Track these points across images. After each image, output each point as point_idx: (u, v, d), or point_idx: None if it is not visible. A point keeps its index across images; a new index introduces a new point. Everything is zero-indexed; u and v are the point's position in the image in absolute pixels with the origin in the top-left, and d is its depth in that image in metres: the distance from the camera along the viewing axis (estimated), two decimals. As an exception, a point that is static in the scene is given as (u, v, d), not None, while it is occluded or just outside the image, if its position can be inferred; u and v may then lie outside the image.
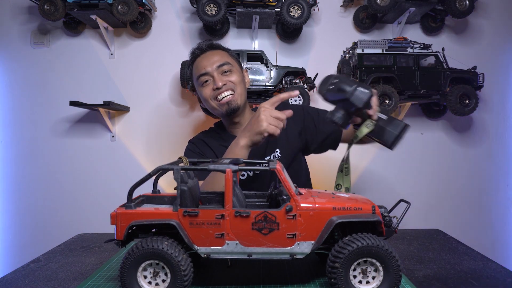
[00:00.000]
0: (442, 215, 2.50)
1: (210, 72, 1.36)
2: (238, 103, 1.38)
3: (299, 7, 2.18)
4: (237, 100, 1.37)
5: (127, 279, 0.70)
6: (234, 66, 1.42)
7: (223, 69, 1.37)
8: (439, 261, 1.00)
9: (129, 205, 0.73)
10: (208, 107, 1.43)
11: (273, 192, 0.88)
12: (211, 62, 1.37)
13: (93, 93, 2.40)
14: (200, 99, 1.49)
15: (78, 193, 2.42)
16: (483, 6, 2.55)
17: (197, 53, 1.42)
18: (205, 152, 1.45)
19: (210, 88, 1.37)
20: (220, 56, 1.40)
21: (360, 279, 0.70)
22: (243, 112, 1.44)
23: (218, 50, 1.44)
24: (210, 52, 1.42)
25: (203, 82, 1.38)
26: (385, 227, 0.74)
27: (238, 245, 0.71)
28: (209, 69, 1.36)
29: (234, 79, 1.38)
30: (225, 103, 1.36)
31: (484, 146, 2.57)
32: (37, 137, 2.42)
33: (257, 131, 1.11)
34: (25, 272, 0.92)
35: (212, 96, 1.37)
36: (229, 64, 1.39)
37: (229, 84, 1.36)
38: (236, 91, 1.37)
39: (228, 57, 1.43)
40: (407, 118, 2.51)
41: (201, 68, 1.38)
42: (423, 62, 2.26)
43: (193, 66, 1.44)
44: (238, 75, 1.40)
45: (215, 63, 1.37)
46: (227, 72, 1.38)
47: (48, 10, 2.11)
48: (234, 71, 1.40)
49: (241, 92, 1.40)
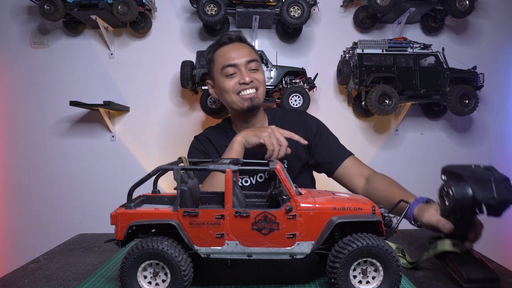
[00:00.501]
0: (442, 215, 2.49)
1: (238, 64, 1.31)
2: (259, 102, 1.36)
3: (299, 7, 2.18)
4: (259, 98, 1.35)
5: (127, 279, 0.70)
6: (260, 64, 1.40)
7: (251, 66, 1.33)
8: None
9: (129, 205, 0.73)
10: (226, 99, 1.37)
11: (273, 192, 0.88)
12: (241, 55, 1.32)
13: (93, 93, 2.40)
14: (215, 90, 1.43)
15: (78, 193, 2.42)
16: (483, 6, 2.55)
17: (225, 41, 1.36)
18: (208, 150, 1.43)
19: (235, 81, 1.32)
20: (249, 51, 1.36)
21: (360, 279, 0.70)
22: (258, 113, 1.42)
23: (246, 45, 1.39)
24: (238, 44, 1.37)
25: (228, 74, 1.32)
26: (385, 227, 0.74)
27: (238, 245, 0.71)
28: (238, 61, 1.31)
29: (260, 78, 1.35)
30: (248, 99, 1.32)
31: (484, 146, 2.57)
32: (37, 137, 2.42)
33: (257, 134, 1.15)
34: (25, 272, 0.92)
35: (235, 90, 1.32)
36: (257, 62, 1.36)
37: (255, 82, 1.33)
38: (259, 90, 1.35)
39: (256, 54, 1.40)
40: (407, 118, 2.52)
41: (228, 58, 1.32)
42: (423, 62, 2.26)
43: (217, 54, 1.37)
44: (263, 75, 1.38)
45: (245, 57, 1.32)
46: (254, 69, 1.34)
47: (48, 10, 2.11)
48: (260, 70, 1.38)
49: (263, 92, 1.38)
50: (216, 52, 1.37)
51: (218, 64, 1.35)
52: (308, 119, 1.48)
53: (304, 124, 1.45)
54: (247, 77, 1.30)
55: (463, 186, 0.76)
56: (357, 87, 2.20)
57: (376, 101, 2.13)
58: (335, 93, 2.50)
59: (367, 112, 2.38)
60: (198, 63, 2.16)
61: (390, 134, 2.53)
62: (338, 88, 2.50)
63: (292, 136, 1.18)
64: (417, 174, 2.51)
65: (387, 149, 2.51)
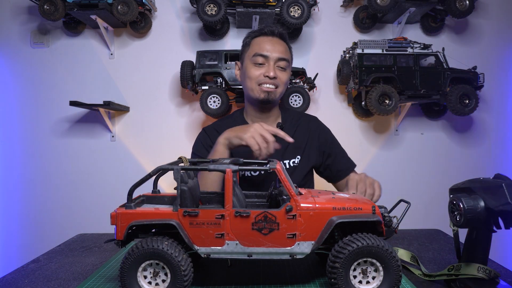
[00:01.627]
0: (442, 215, 2.49)
1: (269, 58, 1.36)
2: (275, 99, 1.41)
3: (299, 7, 2.18)
4: (276, 95, 1.40)
5: (127, 279, 0.70)
6: (289, 66, 1.44)
7: (281, 64, 1.38)
8: (439, 261, 1.00)
9: (129, 205, 0.73)
10: (246, 85, 1.42)
11: (273, 192, 0.88)
12: (275, 49, 1.37)
13: (93, 93, 2.40)
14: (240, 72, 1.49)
15: (78, 193, 2.42)
16: (483, 6, 2.54)
17: (266, 32, 1.41)
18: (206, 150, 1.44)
19: (261, 72, 1.37)
20: (284, 50, 1.40)
21: (360, 279, 0.70)
22: (272, 108, 1.47)
23: (284, 43, 1.43)
24: (277, 39, 1.41)
25: (258, 63, 1.37)
26: (385, 227, 0.74)
27: (238, 245, 0.71)
28: (270, 55, 1.36)
29: (284, 78, 1.40)
30: (265, 91, 1.37)
31: (484, 146, 2.57)
32: (37, 137, 2.42)
33: (239, 135, 1.15)
34: (25, 272, 0.92)
35: (258, 80, 1.37)
36: (287, 62, 1.40)
37: (278, 80, 1.38)
38: (278, 88, 1.39)
39: (289, 55, 1.44)
40: (407, 118, 2.52)
41: (263, 49, 1.37)
42: (423, 62, 2.25)
43: (254, 41, 1.42)
44: (288, 77, 1.43)
45: (278, 53, 1.37)
46: (282, 68, 1.39)
47: (48, 10, 2.11)
48: (287, 72, 1.43)
49: (281, 92, 1.42)
50: (255, 39, 1.42)
51: (251, 50, 1.40)
52: (322, 127, 1.56)
53: (318, 130, 1.52)
54: (272, 72, 1.34)
55: (474, 197, 0.72)
56: (357, 87, 2.20)
57: (376, 101, 2.13)
58: (335, 93, 2.50)
59: (367, 112, 2.38)
60: (198, 63, 2.16)
61: (390, 134, 2.53)
62: (338, 88, 2.50)
63: (277, 132, 1.17)
64: (417, 174, 2.51)
65: (387, 149, 2.51)
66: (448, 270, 0.81)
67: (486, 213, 0.72)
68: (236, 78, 1.54)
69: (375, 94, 2.12)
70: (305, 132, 1.50)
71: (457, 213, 0.75)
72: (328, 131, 1.57)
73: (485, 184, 0.74)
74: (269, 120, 1.48)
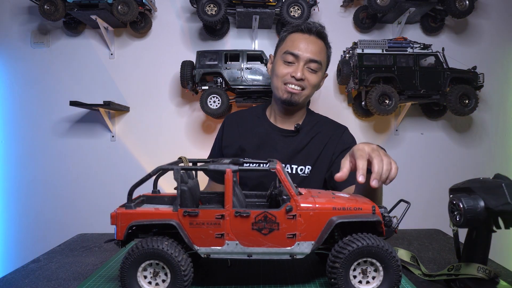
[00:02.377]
0: (442, 215, 2.48)
1: (300, 57, 1.30)
2: (299, 101, 1.34)
3: (299, 7, 2.18)
4: (301, 98, 1.34)
5: (127, 279, 0.70)
6: (322, 68, 1.36)
7: (311, 65, 1.32)
8: (439, 261, 1.00)
9: (129, 205, 0.73)
10: (273, 81, 1.38)
11: (273, 192, 0.88)
12: (308, 50, 1.31)
13: (93, 93, 2.40)
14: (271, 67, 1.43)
15: (78, 193, 2.42)
16: (483, 6, 2.55)
17: (303, 29, 1.34)
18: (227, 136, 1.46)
19: (288, 71, 1.31)
20: (319, 50, 1.34)
21: (360, 279, 0.70)
22: (298, 110, 1.42)
23: (322, 42, 1.37)
24: (314, 38, 1.34)
25: (287, 61, 1.32)
26: (385, 227, 0.74)
27: (238, 245, 0.71)
28: (301, 54, 1.30)
29: (312, 81, 1.33)
30: (289, 92, 1.32)
31: (484, 146, 2.57)
32: (37, 137, 2.42)
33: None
34: (25, 272, 0.92)
35: (284, 79, 1.32)
36: (319, 64, 1.33)
37: (305, 82, 1.32)
38: (304, 91, 1.33)
39: (324, 56, 1.37)
40: (407, 118, 2.52)
41: (295, 47, 1.31)
42: (423, 62, 2.26)
43: (290, 36, 1.36)
44: (317, 79, 1.36)
45: (311, 53, 1.30)
46: (312, 70, 1.33)
47: (48, 10, 2.11)
48: (318, 73, 1.35)
49: (308, 94, 1.36)
50: (291, 34, 1.36)
51: (285, 45, 1.35)
52: (346, 136, 1.44)
53: (339, 138, 1.41)
54: (299, 73, 1.28)
55: (473, 197, 0.72)
56: (357, 87, 2.20)
57: (376, 101, 2.13)
58: (335, 93, 2.50)
59: (367, 112, 2.38)
60: (198, 63, 2.16)
61: (390, 134, 2.53)
62: (338, 88, 2.50)
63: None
64: (417, 174, 2.51)
65: (387, 149, 2.48)
66: (448, 270, 0.81)
67: (486, 213, 0.72)
68: (267, 71, 1.49)
69: (375, 94, 2.12)
70: (323, 141, 1.39)
71: (457, 213, 0.75)
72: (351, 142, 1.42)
73: (485, 184, 0.74)
74: (291, 121, 1.42)
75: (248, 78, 2.15)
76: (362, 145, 0.88)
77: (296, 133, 1.40)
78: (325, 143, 1.38)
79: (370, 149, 0.86)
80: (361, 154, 0.84)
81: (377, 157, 0.83)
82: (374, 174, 0.81)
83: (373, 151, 0.85)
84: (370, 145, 0.88)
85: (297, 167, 1.35)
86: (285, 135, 1.40)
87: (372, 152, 0.85)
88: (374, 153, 0.84)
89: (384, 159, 0.84)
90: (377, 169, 0.81)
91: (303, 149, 1.36)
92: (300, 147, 1.36)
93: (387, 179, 0.84)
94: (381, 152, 0.86)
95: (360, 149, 0.86)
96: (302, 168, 1.35)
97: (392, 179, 0.85)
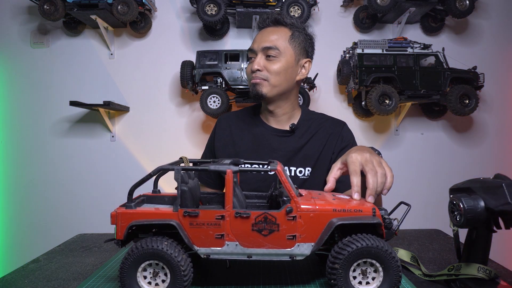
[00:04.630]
0: (442, 215, 2.49)
1: (255, 50, 1.27)
2: (266, 92, 1.25)
3: (299, 7, 2.18)
4: (267, 88, 1.25)
5: (127, 279, 0.70)
6: (286, 52, 1.25)
7: (269, 52, 1.24)
8: (439, 261, 1.00)
9: (129, 205, 0.73)
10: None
11: (274, 193, 0.88)
12: (262, 40, 1.26)
13: (93, 93, 2.40)
14: None
15: (78, 193, 2.42)
16: (483, 6, 2.55)
17: (260, 26, 1.32)
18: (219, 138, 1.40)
19: (250, 67, 1.28)
20: (276, 36, 1.25)
21: (360, 279, 0.70)
22: (279, 102, 1.32)
23: (282, 27, 1.28)
24: (271, 28, 1.28)
25: (250, 58, 1.31)
26: (385, 230, 0.74)
27: (238, 246, 0.71)
28: (257, 47, 1.26)
29: (272, 68, 1.24)
30: (252, 84, 1.27)
31: (484, 146, 2.57)
32: (37, 137, 2.42)
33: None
34: (25, 272, 0.92)
35: (249, 76, 1.30)
36: (277, 50, 1.23)
37: (264, 72, 1.24)
38: (268, 81, 1.25)
39: (284, 40, 1.25)
40: (407, 118, 2.52)
41: (252, 44, 1.29)
42: (423, 62, 2.26)
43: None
44: (283, 64, 1.24)
45: (265, 42, 1.24)
46: (270, 57, 1.24)
47: (48, 10, 2.11)
48: (280, 59, 1.24)
49: (276, 84, 1.25)
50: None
51: None
52: (345, 132, 1.38)
53: (339, 135, 1.36)
54: (255, 65, 1.24)
55: (474, 197, 0.72)
56: (357, 87, 2.20)
57: (376, 101, 2.13)
58: (335, 93, 2.50)
59: (367, 112, 2.38)
60: (198, 63, 2.16)
61: (390, 134, 2.53)
62: (338, 88, 2.50)
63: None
64: (417, 174, 2.52)
65: (387, 149, 2.51)
66: (448, 270, 0.81)
67: (486, 213, 0.72)
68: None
69: (375, 94, 2.12)
70: (323, 140, 1.33)
71: (457, 213, 0.75)
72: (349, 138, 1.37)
73: (485, 184, 0.74)
74: (281, 119, 1.35)
75: (248, 78, 2.15)
76: (355, 155, 0.85)
77: (292, 133, 1.34)
78: (324, 143, 1.33)
79: (363, 160, 0.84)
80: (354, 169, 0.83)
81: (371, 171, 0.81)
82: (369, 191, 0.80)
83: (366, 162, 0.83)
84: (363, 153, 0.86)
85: (296, 169, 1.30)
86: (280, 135, 1.34)
87: (365, 165, 0.83)
88: (367, 166, 0.82)
89: (378, 171, 0.82)
90: (371, 185, 0.80)
91: (301, 150, 1.31)
92: (297, 148, 1.31)
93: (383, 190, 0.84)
94: (374, 162, 0.84)
95: (353, 162, 0.84)
96: (302, 170, 1.30)
97: (388, 188, 0.84)
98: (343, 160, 0.88)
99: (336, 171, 0.89)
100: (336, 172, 0.89)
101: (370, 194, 0.80)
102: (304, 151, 1.31)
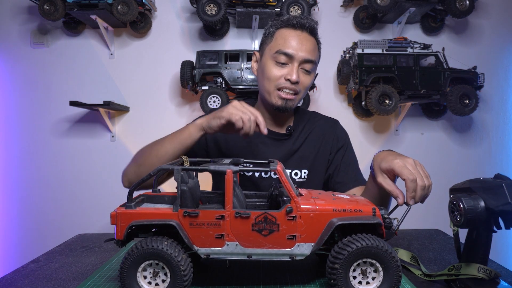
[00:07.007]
0: (442, 215, 2.49)
1: (295, 58, 1.14)
2: (293, 106, 1.22)
3: (299, 7, 2.18)
4: (294, 103, 1.21)
5: (127, 279, 0.70)
6: (315, 69, 1.24)
7: (306, 66, 1.17)
8: (439, 261, 1.00)
9: (129, 205, 0.73)
10: (263, 84, 1.21)
11: (274, 193, 0.88)
12: (303, 49, 1.15)
13: (93, 93, 2.40)
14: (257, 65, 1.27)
15: (78, 193, 2.42)
16: (483, 6, 2.55)
17: (294, 24, 1.17)
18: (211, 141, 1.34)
19: (282, 72, 1.16)
20: (313, 47, 1.18)
21: (360, 279, 0.70)
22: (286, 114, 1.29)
23: (314, 39, 1.20)
24: (306, 35, 1.18)
25: (280, 62, 1.16)
26: (385, 229, 0.74)
27: (238, 246, 0.71)
28: (296, 54, 1.14)
29: (306, 83, 1.20)
30: (283, 99, 1.17)
31: (484, 146, 2.57)
32: (37, 137, 2.42)
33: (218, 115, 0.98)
34: (25, 272, 0.92)
35: (277, 83, 1.17)
36: (314, 65, 1.20)
37: (299, 86, 1.17)
38: (298, 95, 1.20)
39: (317, 54, 1.21)
40: (407, 118, 2.52)
41: (288, 46, 1.14)
42: (423, 62, 2.26)
43: (279, 32, 1.18)
44: (311, 81, 1.22)
45: (306, 53, 1.15)
46: (306, 71, 1.18)
47: (48, 10, 2.11)
48: (312, 75, 1.22)
49: (301, 98, 1.24)
50: (280, 30, 1.19)
51: (274, 44, 1.18)
52: (339, 131, 1.36)
53: (333, 134, 1.34)
54: (294, 75, 1.14)
55: (474, 197, 0.72)
56: (357, 87, 2.20)
57: (376, 101, 2.13)
58: (335, 93, 2.50)
59: (367, 112, 2.38)
60: (198, 63, 2.16)
61: (390, 134, 2.53)
62: (338, 88, 2.50)
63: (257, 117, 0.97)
64: (417, 174, 2.51)
65: (387, 149, 2.51)
66: (448, 270, 0.81)
67: (486, 213, 0.72)
68: (252, 70, 1.31)
69: (375, 94, 2.12)
70: (318, 140, 1.31)
71: (457, 213, 0.75)
72: (344, 137, 1.36)
73: (485, 184, 0.74)
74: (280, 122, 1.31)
75: (248, 78, 2.15)
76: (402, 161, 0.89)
77: (289, 136, 1.30)
78: (320, 144, 1.30)
79: (412, 167, 0.88)
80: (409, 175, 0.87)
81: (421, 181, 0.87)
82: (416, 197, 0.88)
83: (415, 169, 0.88)
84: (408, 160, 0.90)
85: (291, 171, 1.26)
86: (277, 138, 1.28)
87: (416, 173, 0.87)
88: (418, 175, 0.87)
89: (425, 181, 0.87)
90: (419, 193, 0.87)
91: (297, 151, 1.28)
92: (293, 150, 1.27)
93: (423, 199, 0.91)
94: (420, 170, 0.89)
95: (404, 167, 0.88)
96: (297, 172, 1.26)
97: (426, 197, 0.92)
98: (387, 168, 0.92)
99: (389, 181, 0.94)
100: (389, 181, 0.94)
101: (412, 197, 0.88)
102: (300, 152, 1.28)
